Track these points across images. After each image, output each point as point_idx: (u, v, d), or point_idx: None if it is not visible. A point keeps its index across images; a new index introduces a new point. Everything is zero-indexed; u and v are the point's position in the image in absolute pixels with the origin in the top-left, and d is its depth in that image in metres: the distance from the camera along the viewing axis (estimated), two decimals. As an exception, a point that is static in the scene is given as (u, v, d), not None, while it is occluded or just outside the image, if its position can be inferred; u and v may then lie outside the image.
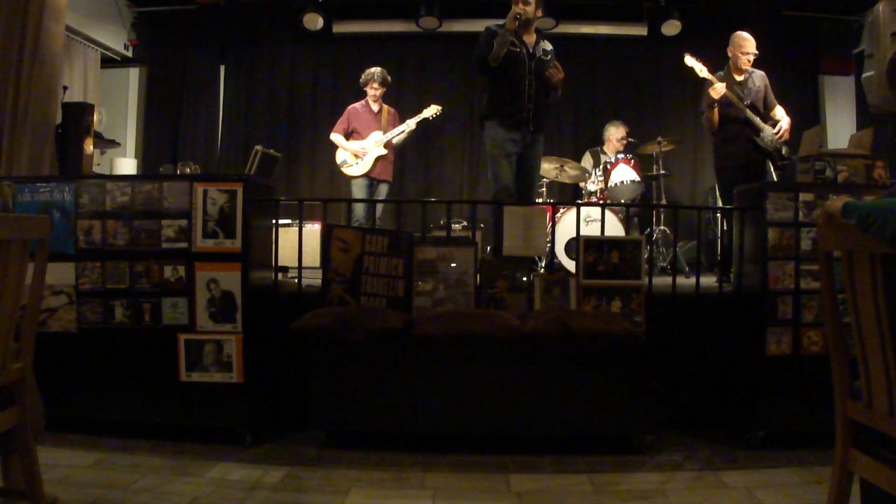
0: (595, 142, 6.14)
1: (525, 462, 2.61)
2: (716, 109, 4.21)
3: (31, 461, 1.73)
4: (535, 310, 2.97)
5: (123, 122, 6.49)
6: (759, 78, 4.27)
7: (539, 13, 3.83)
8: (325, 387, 2.76)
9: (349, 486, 2.34)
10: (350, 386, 2.75)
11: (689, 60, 4.40)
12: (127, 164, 5.89)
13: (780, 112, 4.26)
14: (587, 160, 5.80)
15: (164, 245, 2.81)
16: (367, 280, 2.98)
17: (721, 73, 4.31)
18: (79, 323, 2.83)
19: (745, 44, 4.19)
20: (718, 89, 4.11)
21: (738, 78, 4.23)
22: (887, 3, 4.75)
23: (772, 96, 4.31)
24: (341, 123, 5.30)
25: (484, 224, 4.98)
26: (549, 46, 3.88)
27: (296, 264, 3.22)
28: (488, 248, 4.85)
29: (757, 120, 4.13)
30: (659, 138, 5.31)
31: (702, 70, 4.32)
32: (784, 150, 4.19)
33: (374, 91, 5.24)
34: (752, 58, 4.19)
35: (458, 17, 6.38)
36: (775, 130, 4.14)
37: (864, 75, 5.06)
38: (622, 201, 4.96)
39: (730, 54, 4.27)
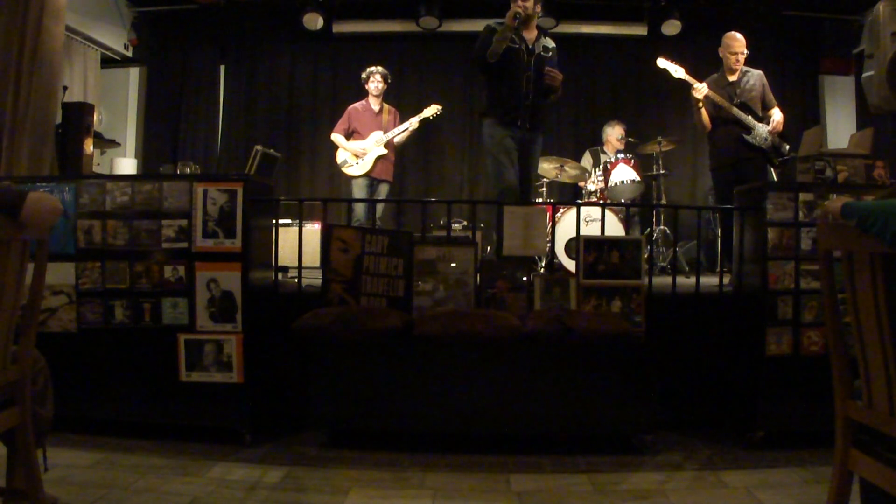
0: (595, 142, 6.13)
1: (525, 462, 2.61)
2: (703, 110, 4.21)
3: (32, 461, 1.73)
4: (535, 310, 2.97)
5: (123, 122, 6.49)
6: (756, 77, 4.24)
7: (538, 9, 3.80)
8: (324, 387, 2.76)
9: (349, 486, 2.34)
10: (350, 386, 2.75)
11: (662, 62, 4.39)
12: (127, 164, 5.89)
13: (776, 112, 4.19)
14: (587, 160, 5.80)
15: (164, 245, 2.80)
16: (367, 280, 2.98)
17: (716, 74, 4.31)
18: (79, 323, 2.83)
19: (733, 44, 4.18)
20: (699, 89, 4.12)
21: (731, 78, 4.22)
22: (887, 3, 4.75)
23: (769, 96, 4.27)
24: (342, 123, 5.30)
25: (484, 224, 4.97)
26: (550, 44, 3.84)
27: (296, 264, 3.22)
28: (488, 248, 4.86)
29: (748, 118, 4.11)
30: (659, 138, 5.31)
31: (676, 71, 4.31)
32: (785, 147, 4.17)
33: (376, 84, 5.22)
34: (740, 57, 4.17)
35: (458, 17, 6.38)
36: (770, 127, 4.12)
37: (864, 75, 5.06)
38: (622, 201, 4.96)
39: (720, 55, 4.27)
